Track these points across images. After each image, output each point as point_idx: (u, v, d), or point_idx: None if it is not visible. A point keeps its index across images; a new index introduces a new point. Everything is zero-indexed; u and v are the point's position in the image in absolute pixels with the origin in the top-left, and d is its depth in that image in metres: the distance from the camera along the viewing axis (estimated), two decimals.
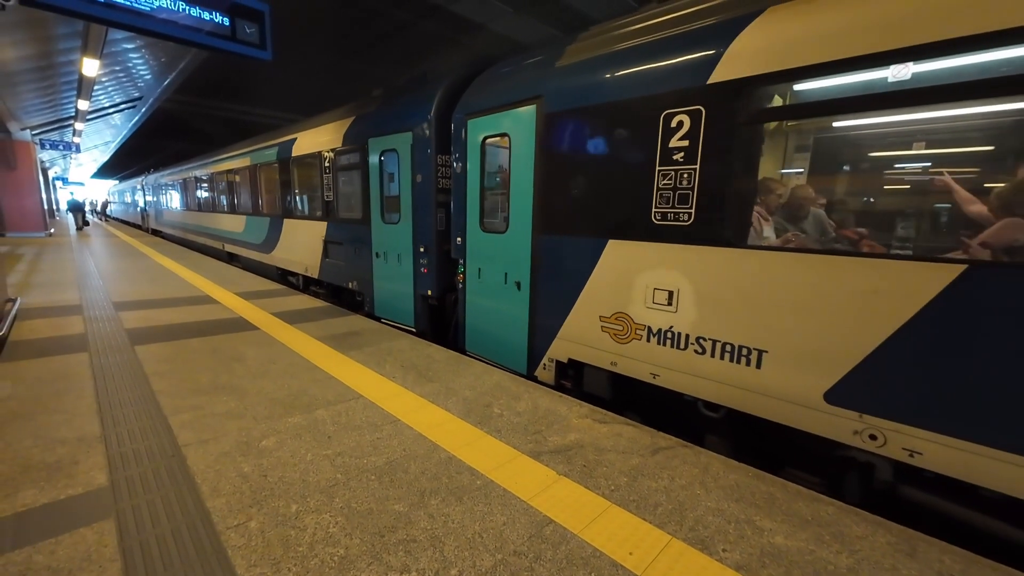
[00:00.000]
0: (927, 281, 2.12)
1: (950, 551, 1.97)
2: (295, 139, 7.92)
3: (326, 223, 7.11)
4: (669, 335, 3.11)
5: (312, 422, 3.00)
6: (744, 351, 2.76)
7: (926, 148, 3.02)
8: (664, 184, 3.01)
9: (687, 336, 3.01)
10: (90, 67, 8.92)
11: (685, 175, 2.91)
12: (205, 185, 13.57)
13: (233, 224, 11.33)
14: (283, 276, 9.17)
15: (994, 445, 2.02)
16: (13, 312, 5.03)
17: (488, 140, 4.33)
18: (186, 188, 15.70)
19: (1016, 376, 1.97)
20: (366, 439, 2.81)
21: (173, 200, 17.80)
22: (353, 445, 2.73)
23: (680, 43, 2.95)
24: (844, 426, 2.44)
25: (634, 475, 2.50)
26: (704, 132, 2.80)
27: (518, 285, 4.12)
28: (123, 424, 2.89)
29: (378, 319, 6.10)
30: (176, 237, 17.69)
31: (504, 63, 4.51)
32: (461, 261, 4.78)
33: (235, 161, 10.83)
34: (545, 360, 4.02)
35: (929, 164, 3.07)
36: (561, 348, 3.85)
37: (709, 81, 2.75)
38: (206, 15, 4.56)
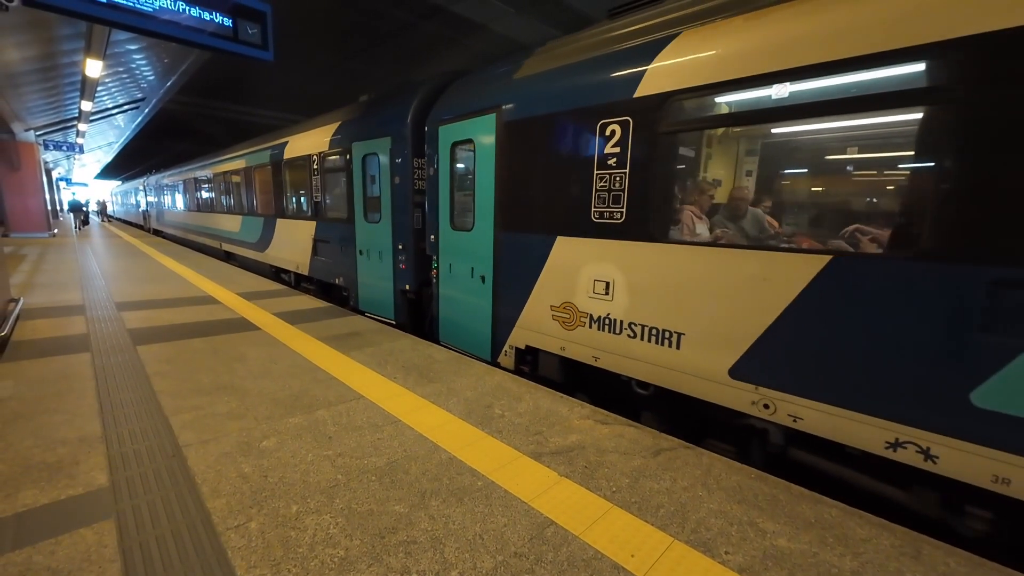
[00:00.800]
0: (801, 270, 2.50)
1: (955, 554, 1.95)
2: (286, 142, 8.27)
3: (315, 223, 7.45)
4: (607, 321, 3.48)
5: (313, 422, 3.00)
6: (667, 334, 3.14)
7: (799, 157, 3.53)
8: (601, 186, 3.39)
9: (621, 322, 3.39)
10: (93, 68, 8.94)
11: (618, 178, 3.29)
12: (203, 186, 13.90)
13: (230, 224, 11.67)
14: (276, 273, 9.50)
15: (853, 408, 2.41)
16: (16, 312, 5.04)
17: (456, 145, 4.71)
18: (185, 189, 16.10)
19: (866, 348, 2.34)
20: (367, 440, 2.80)
21: (172, 201, 18.22)
22: (354, 446, 2.73)
23: (613, 60, 3.34)
24: (745, 398, 2.80)
25: (636, 476, 2.49)
26: (632, 140, 3.18)
27: (483, 279, 4.49)
28: (124, 424, 2.89)
29: (362, 313, 6.41)
30: (176, 237, 18.08)
31: (472, 75, 4.90)
32: (435, 257, 5.14)
33: (231, 163, 11.15)
34: (506, 347, 4.39)
35: (805, 171, 3.56)
36: (519, 336, 4.23)
37: (635, 95, 3.13)
38: (208, 16, 4.57)
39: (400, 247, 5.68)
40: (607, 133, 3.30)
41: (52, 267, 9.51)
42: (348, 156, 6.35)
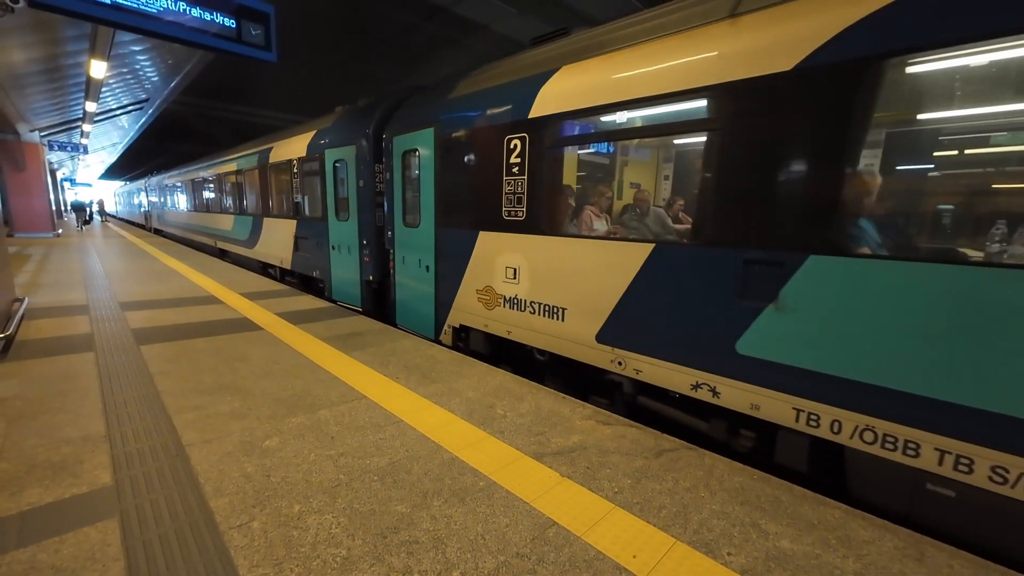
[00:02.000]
0: (638, 255, 3.22)
1: (959, 556, 1.94)
2: (271, 148, 9.05)
3: (296, 221, 8.20)
4: (515, 301, 4.19)
5: (315, 422, 3.01)
6: (555, 309, 3.84)
7: (636, 169, 4.60)
8: (508, 190, 4.07)
9: (525, 301, 4.09)
10: (98, 69, 9.00)
11: (520, 183, 3.97)
12: (198, 188, 14.72)
13: (223, 223, 12.45)
14: (264, 268, 10.22)
15: (670, 360, 3.11)
16: (20, 312, 5.07)
17: (406, 154, 5.41)
18: (182, 191, 16.98)
19: (674, 313, 3.06)
20: (369, 440, 2.81)
21: (171, 201, 19.10)
22: (356, 446, 2.73)
23: (516, 87, 4.04)
24: (606, 357, 3.49)
25: (638, 477, 2.49)
26: (528, 152, 3.86)
27: (427, 268, 5.20)
28: (127, 423, 2.91)
29: (335, 302, 7.07)
30: (175, 236, 18.74)
31: (423, 92, 5.65)
32: (391, 251, 5.89)
33: (223, 166, 11.96)
34: (446, 327, 5.08)
35: (640, 181, 4.59)
36: (455, 316, 4.92)
37: (529, 116, 3.82)
38: (212, 17, 4.59)
39: (364, 243, 6.36)
40: (511, 146, 4.00)
41: (56, 267, 9.56)
42: (321, 162, 7.04)
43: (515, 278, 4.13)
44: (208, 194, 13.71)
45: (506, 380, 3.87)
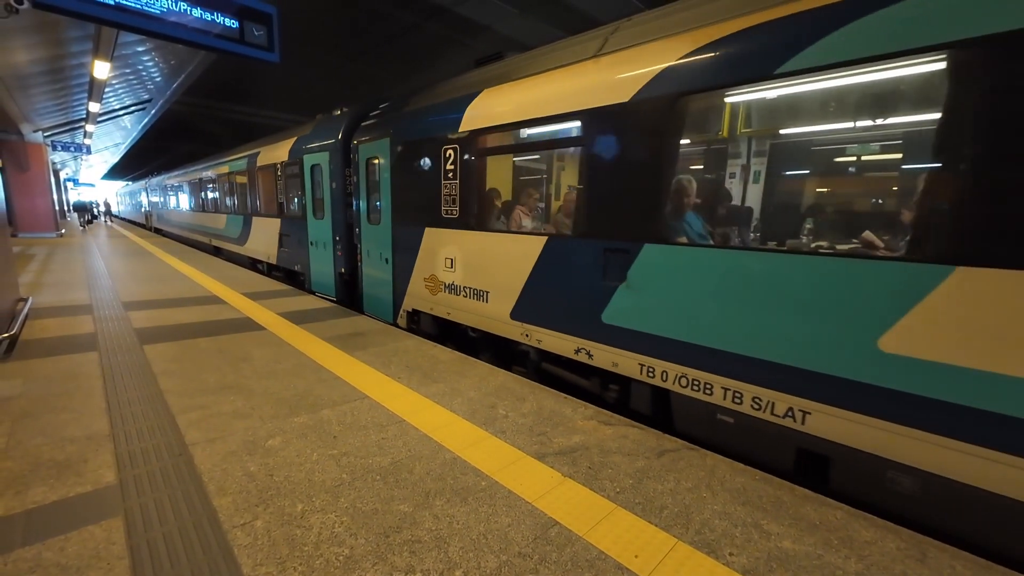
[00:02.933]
0: (537, 245, 3.91)
1: (961, 557, 1.94)
2: (258, 152, 9.74)
3: (280, 220, 8.92)
4: (453, 287, 4.85)
5: (318, 422, 3.02)
6: (482, 293, 4.51)
7: (543, 175, 5.40)
8: (445, 192, 4.76)
9: (460, 286, 4.76)
10: (101, 70, 9.03)
11: (454, 186, 4.67)
12: (194, 189, 15.59)
13: (216, 222, 13.27)
14: (253, 264, 10.91)
15: (560, 330, 3.81)
16: (24, 311, 5.10)
17: (369, 159, 6.08)
18: (179, 192, 17.93)
19: (561, 292, 3.75)
20: (371, 439, 2.82)
21: (170, 202, 20.02)
22: (358, 445, 2.74)
23: (451, 105, 4.72)
24: (518, 331, 4.20)
25: (639, 477, 2.49)
26: (460, 160, 4.56)
27: (387, 261, 5.92)
28: (131, 423, 2.92)
29: (313, 293, 7.73)
30: (174, 235, 19.45)
31: (385, 105, 6.32)
32: (359, 245, 6.58)
33: (216, 169, 12.75)
34: (401, 312, 5.81)
35: (543, 185, 5.33)
36: (409, 302, 5.64)
37: (460, 130, 4.51)
38: (215, 18, 4.60)
39: (337, 239, 7.01)
40: (447, 155, 4.69)
41: (60, 267, 9.60)
42: (301, 165, 7.71)
43: (452, 267, 4.84)
44: (203, 195, 14.56)
45: (508, 380, 3.88)
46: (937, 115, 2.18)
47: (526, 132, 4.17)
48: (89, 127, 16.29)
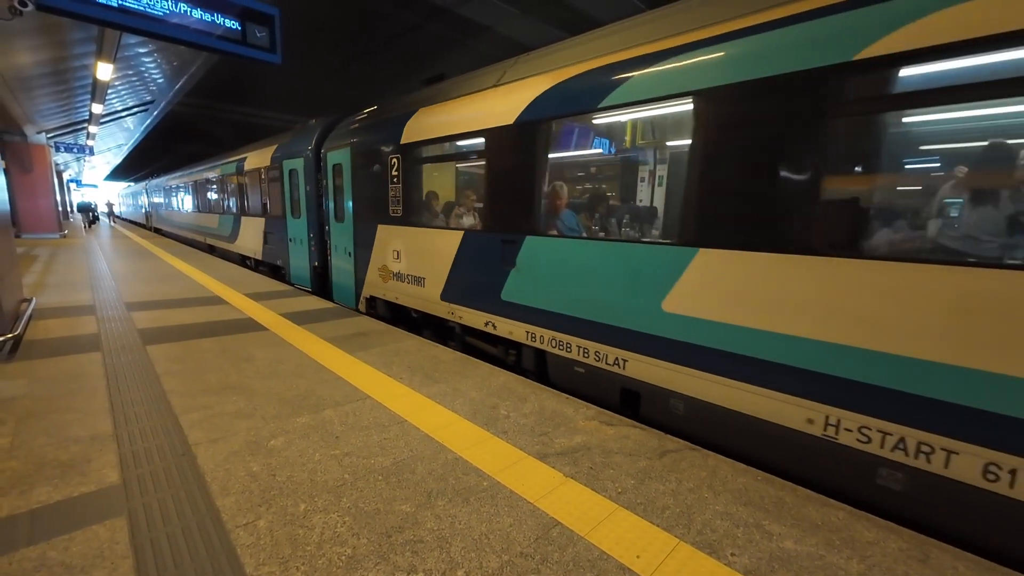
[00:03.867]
0: (457, 239, 4.77)
1: (963, 558, 1.94)
2: (245, 158, 10.72)
3: (264, 219, 9.85)
4: (399, 275, 5.74)
5: (320, 422, 3.03)
6: (420, 279, 5.37)
7: (467, 181, 5.94)
8: (391, 194, 5.67)
9: (404, 274, 5.64)
10: (104, 71, 9.06)
11: (398, 189, 5.58)
12: (189, 191, 16.67)
13: (210, 221, 14.27)
14: (242, 260, 11.77)
15: (474, 307, 4.64)
16: (28, 312, 5.12)
17: (335, 166, 6.93)
18: (176, 193, 19.09)
19: (474, 276, 4.61)
20: (373, 439, 2.82)
21: (168, 203, 21.19)
22: (360, 445, 2.75)
23: (395, 120, 5.62)
24: (446, 310, 5.02)
25: (641, 478, 2.49)
26: (402, 168, 5.47)
27: (350, 254, 6.82)
28: (135, 423, 2.93)
29: (292, 285, 8.56)
30: (172, 234, 20.47)
31: (349, 118, 7.10)
32: (329, 241, 7.46)
33: (209, 172, 13.88)
34: (361, 299, 6.72)
35: (463, 188, 5.88)
36: (367, 290, 6.57)
37: (401, 142, 5.42)
38: (217, 19, 4.62)
39: (311, 236, 7.90)
40: (393, 163, 5.57)
41: (63, 267, 9.64)
42: (281, 170, 8.62)
43: (398, 258, 5.73)
44: (197, 196, 15.65)
45: (509, 380, 3.88)
46: (688, 140, 2.98)
47: (448, 145, 5.10)
48: (92, 128, 16.35)
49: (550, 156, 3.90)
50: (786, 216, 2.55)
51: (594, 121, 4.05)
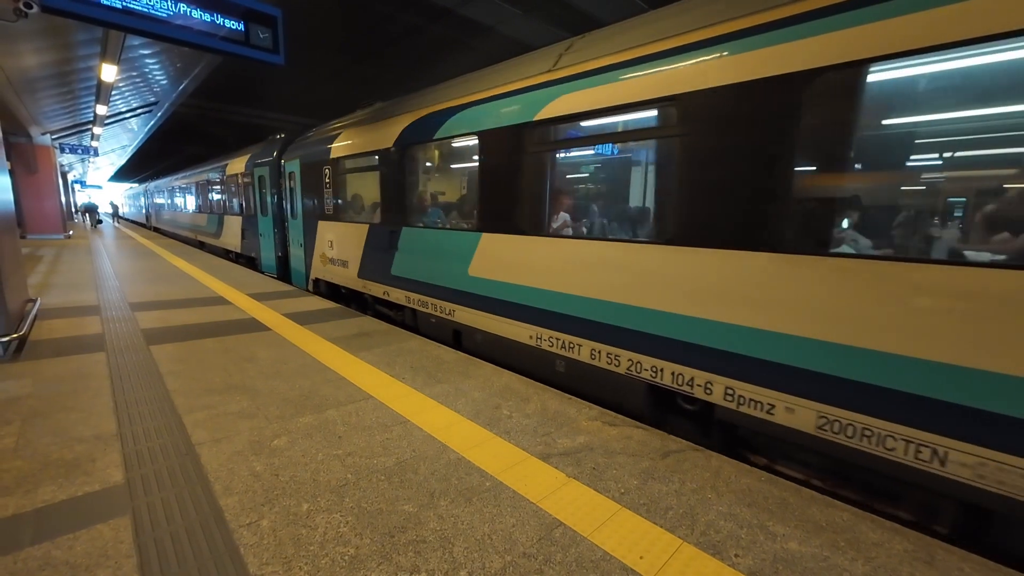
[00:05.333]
0: (364, 231, 6.38)
1: (969, 559, 1.92)
2: (227, 163, 12.50)
3: (241, 217, 11.64)
4: (333, 260, 7.28)
5: (323, 422, 3.03)
6: (344, 262, 6.92)
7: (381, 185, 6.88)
8: (326, 196, 7.30)
9: (335, 259, 7.17)
10: (108, 73, 9.10)
11: (330, 192, 7.23)
12: (183, 192, 18.74)
13: (200, 220, 16.10)
14: (226, 253, 13.34)
15: (388, 284, 5.98)
16: (33, 312, 5.14)
17: (290, 174, 8.64)
18: (173, 195, 21.03)
19: (380, 259, 6.07)
20: (376, 439, 2.83)
21: (165, 203, 23.34)
22: (363, 445, 2.75)
23: (326, 138, 7.28)
24: (361, 285, 6.53)
25: (644, 478, 2.48)
26: (331, 176, 7.14)
27: (302, 245, 8.45)
28: (139, 422, 2.94)
29: (263, 273, 10.08)
30: (169, 232, 22.23)
31: (304, 135, 8.78)
32: (287, 235, 9.15)
33: (198, 176, 15.80)
34: (310, 281, 8.30)
35: (370, 192, 6.95)
36: (313, 273, 8.11)
37: (330, 156, 7.03)
38: (220, 20, 4.63)
39: (276, 230, 9.57)
40: (326, 172, 7.20)
41: (68, 268, 9.69)
42: (253, 175, 10.28)
43: (332, 247, 7.27)
44: (189, 197, 17.64)
45: (512, 381, 3.88)
46: (473, 164, 4.62)
47: (356, 160, 6.61)
48: (96, 129, 16.44)
49: (416, 169, 5.65)
50: (514, 215, 4.17)
51: (434, 148, 5.77)
